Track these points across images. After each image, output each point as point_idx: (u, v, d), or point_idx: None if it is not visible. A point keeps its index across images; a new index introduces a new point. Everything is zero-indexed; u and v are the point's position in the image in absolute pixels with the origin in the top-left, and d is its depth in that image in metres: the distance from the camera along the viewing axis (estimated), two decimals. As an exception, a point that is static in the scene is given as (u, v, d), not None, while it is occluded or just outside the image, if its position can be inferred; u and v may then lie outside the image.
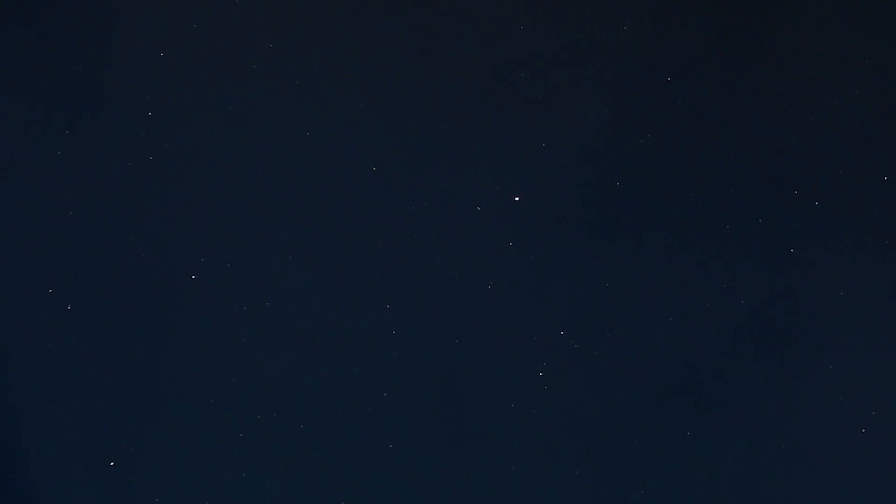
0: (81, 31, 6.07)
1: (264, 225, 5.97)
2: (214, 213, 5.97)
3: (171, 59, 6.08)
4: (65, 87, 6.03)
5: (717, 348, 5.85)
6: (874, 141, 5.96)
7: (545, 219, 5.98)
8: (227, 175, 6.01)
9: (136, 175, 5.98)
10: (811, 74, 6.03)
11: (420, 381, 5.88)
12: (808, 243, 5.85)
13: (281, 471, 5.80)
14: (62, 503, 5.72)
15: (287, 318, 5.92)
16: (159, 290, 5.91)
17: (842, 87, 6.01)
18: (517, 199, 5.97)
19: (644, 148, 6.00)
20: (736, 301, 5.83)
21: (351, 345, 5.90)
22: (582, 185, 6.01)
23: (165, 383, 5.84)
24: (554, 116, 6.05)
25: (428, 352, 5.89)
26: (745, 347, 5.80)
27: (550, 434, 5.82)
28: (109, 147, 6.00)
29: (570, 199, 5.99)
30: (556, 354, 5.87)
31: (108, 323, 5.87)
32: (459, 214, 5.99)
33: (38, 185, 5.96)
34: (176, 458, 5.78)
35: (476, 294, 5.92)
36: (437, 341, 5.90)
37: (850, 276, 5.81)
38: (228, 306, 5.90)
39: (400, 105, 6.07)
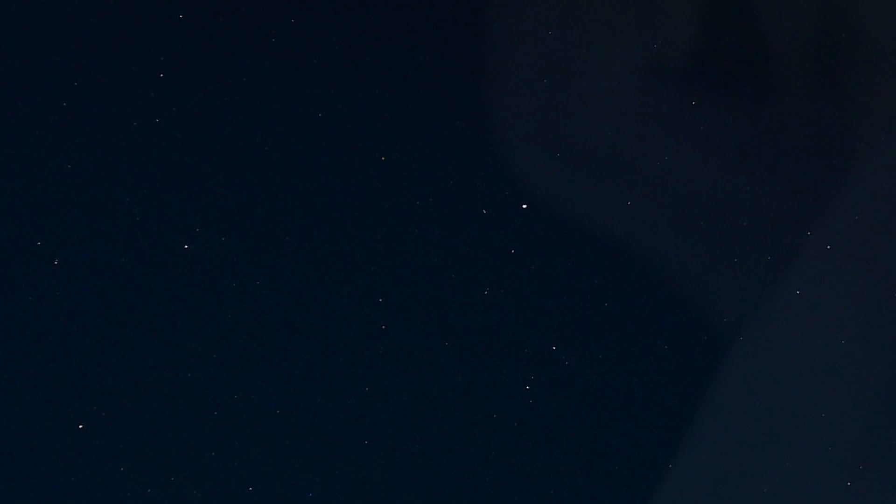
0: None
1: (264, 206, 5.98)
2: (214, 185, 5.97)
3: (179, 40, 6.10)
4: (72, 37, 6.04)
5: (710, 370, 5.86)
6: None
7: (551, 230, 5.99)
8: (228, 147, 6.02)
9: (139, 136, 5.99)
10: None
11: (403, 377, 5.86)
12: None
13: (250, 453, 5.77)
14: (28, 461, 5.71)
15: (276, 300, 5.89)
16: (150, 256, 5.90)
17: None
18: (525, 206, 5.99)
19: (660, 170, 6.02)
20: (735, 332, 5.87)
21: (337, 332, 5.88)
22: (593, 200, 6.00)
23: (147, 353, 5.81)
24: (571, 127, 6.07)
25: (414, 350, 5.87)
26: (737, 370, 5.85)
27: (529, 449, 5.81)
28: (114, 104, 6.00)
29: (578, 214, 5.99)
30: (544, 370, 5.86)
31: (93, 284, 5.87)
32: (465, 215, 5.98)
33: (37, 137, 5.96)
34: (146, 427, 5.76)
35: (471, 298, 5.91)
36: (426, 340, 5.88)
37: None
38: (218, 280, 5.89)
39: (417, 99, 6.09)
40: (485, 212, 5.99)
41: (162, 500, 5.72)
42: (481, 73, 6.12)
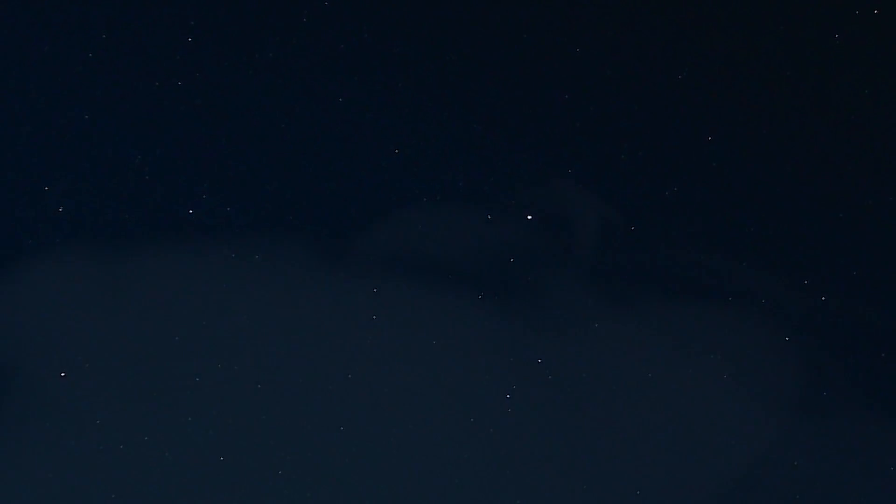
0: None
1: (271, 187, 6.00)
2: (226, 163, 6.00)
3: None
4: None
5: (692, 401, 5.86)
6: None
7: (553, 244, 5.98)
8: (244, 127, 6.04)
9: (153, 98, 6.02)
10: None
11: (387, 367, 5.87)
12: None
13: (227, 425, 5.80)
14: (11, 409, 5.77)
15: (272, 278, 5.91)
16: (154, 214, 5.94)
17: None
18: (529, 217, 5.99)
19: (668, 200, 6.01)
20: (720, 368, 5.87)
21: (326, 316, 5.90)
22: (599, 221, 5.99)
23: (140, 309, 5.84)
24: (588, 147, 6.06)
25: (401, 342, 5.89)
26: (720, 405, 5.85)
27: (500, 456, 5.82)
28: (130, 67, 6.03)
29: (583, 227, 5.98)
30: (528, 381, 5.86)
31: (96, 234, 5.90)
32: (469, 217, 5.98)
33: (55, 90, 5.99)
34: (128, 387, 5.80)
35: (465, 300, 5.91)
36: (415, 333, 5.89)
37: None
38: (217, 247, 5.91)
39: (441, 97, 6.09)
40: (489, 217, 5.99)
41: (133, 458, 5.75)
42: (505, 77, 6.12)
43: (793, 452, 5.82)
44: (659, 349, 5.90)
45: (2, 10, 5.91)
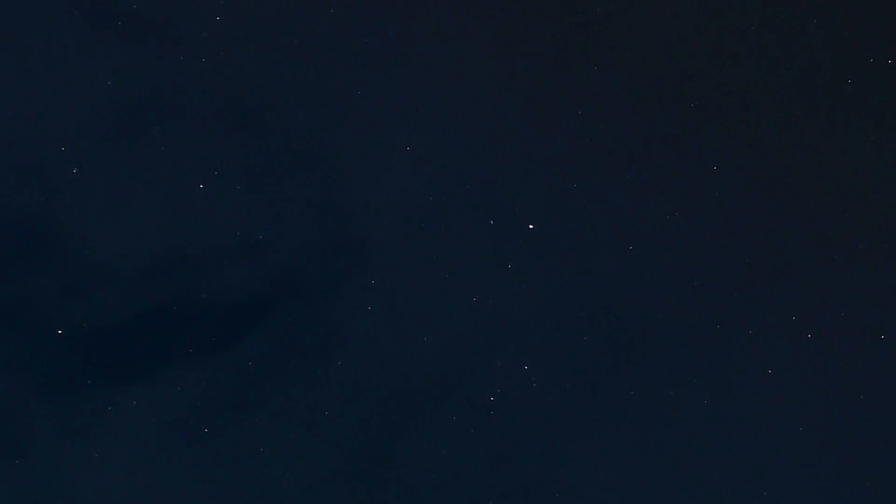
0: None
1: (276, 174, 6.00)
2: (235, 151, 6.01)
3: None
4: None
5: (675, 424, 5.85)
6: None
7: (551, 254, 5.97)
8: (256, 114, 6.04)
9: (175, 74, 6.00)
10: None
11: (377, 360, 5.88)
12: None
13: (216, 404, 5.83)
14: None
15: (273, 261, 5.94)
16: (162, 187, 5.93)
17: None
18: (531, 226, 5.96)
19: (669, 221, 5.98)
20: (701, 394, 5.85)
21: (322, 303, 5.91)
22: (599, 234, 5.99)
23: (139, 279, 5.85)
24: (595, 162, 6.04)
25: (392, 334, 5.89)
26: (702, 434, 5.84)
27: (478, 459, 5.83)
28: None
29: (582, 243, 5.98)
30: (512, 386, 5.86)
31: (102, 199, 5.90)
32: (471, 220, 5.99)
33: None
34: (122, 346, 5.81)
35: (460, 300, 5.91)
36: (407, 328, 5.89)
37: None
38: (221, 226, 5.93)
39: (455, 97, 6.05)
40: (492, 222, 5.96)
41: (119, 423, 5.78)
42: (521, 89, 6.09)
43: (771, 487, 5.80)
44: (644, 370, 5.88)
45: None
